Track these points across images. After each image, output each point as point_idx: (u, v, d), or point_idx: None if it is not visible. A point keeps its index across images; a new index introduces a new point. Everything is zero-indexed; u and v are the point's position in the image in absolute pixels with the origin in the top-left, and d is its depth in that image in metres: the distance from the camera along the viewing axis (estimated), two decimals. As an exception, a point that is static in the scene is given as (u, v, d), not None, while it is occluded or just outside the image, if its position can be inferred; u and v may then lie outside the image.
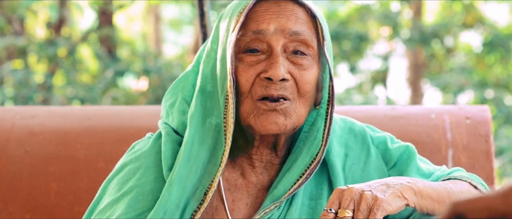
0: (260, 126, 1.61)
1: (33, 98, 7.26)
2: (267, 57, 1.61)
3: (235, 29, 1.60)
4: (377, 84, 10.40)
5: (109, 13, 8.69)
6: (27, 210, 2.33)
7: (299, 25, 1.62)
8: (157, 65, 8.01)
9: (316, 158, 1.66)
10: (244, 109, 1.62)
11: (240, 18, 1.60)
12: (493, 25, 9.68)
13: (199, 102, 1.66)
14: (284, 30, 1.61)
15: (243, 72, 1.61)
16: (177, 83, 1.75)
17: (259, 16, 1.61)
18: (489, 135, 2.31)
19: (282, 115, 1.61)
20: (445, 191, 1.63)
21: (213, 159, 1.64)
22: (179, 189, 1.61)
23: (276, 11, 1.61)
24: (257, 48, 1.62)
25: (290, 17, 1.61)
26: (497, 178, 8.83)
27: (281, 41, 1.61)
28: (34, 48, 7.84)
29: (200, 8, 2.62)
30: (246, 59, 1.62)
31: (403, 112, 2.40)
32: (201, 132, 1.64)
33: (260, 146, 1.68)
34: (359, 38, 9.29)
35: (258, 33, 1.61)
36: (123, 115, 2.45)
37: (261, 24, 1.60)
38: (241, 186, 1.70)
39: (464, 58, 10.26)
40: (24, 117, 2.43)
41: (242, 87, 1.61)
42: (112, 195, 1.66)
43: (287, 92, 1.61)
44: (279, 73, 1.58)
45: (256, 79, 1.61)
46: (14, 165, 2.35)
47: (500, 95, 9.07)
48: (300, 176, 1.66)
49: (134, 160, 1.69)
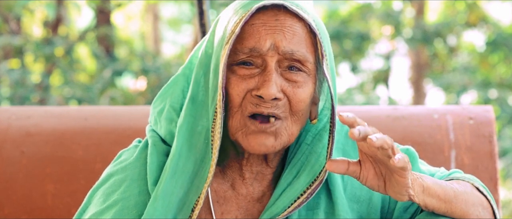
0: (248, 145, 1.60)
1: (29, 98, 7.30)
2: (260, 72, 1.58)
3: (230, 42, 1.57)
4: (379, 84, 10.45)
5: (107, 11, 8.72)
6: (23, 212, 2.32)
7: (295, 43, 1.58)
8: (155, 65, 8.05)
9: (319, 177, 1.64)
10: (233, 124, 1.60)
11: (235, 30, 1.56)
12: (496, 24, 9.73)
13: (188, 112, 1.63)
14: (279, 47, 1.57)
15: (235, 86, 1.58)
16: (166, 88, 1.71)
17: (256, 31, 1.58)
18: (493, 136, 2.31)
19: (272, 136, 1.59)
20: (452, 191, 1.61)
21: (200, 172, 1.61)
22: (163, 205, 1.59)
23: (273, 26, 1.58)
24: (251, 62, 1.59)
25: (286, 34, 1.58)
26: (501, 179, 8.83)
27: (276, 58, 1.58)
28: (30, 47, 7.87)
29: (199, 7, 2.61)
30: (239, 72, 1.59)
31: (405, 112, 2.39)
32: (189, 143, 1.62)
33: (251, 158, 1.66)
34: (360, 38, 9.33)
35: (253, 51, 1.57)
36: (121, 115, 2.45)
37: (258, 41, 1.57)
38: (231, 198, 1.68)
39: (467, 57, 10.31)
40: (20, 117, 2.42)
41: (233, 101, 1.59)
42: (97, 206, 1.66)
43: (279, 110, 1.58)
44: (271, 93, 1.56)
45: (247, 95, 1.58)
46: (10, 166, 2.34)
47: (503, 95, 9.07)
48: (301, 193, 1.64)
49: (120, 171, 1.69)
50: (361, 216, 1.68)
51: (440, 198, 1.58)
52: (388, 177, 1.54)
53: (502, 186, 9.33)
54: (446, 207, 1.58)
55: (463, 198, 1.61)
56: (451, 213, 1.60)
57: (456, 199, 1.59)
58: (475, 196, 1.64)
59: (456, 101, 9.21)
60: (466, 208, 1.61)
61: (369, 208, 1.69)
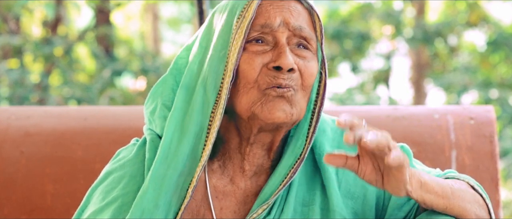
0: (268, 113, 1.60)
1: (29, 98, 7.31)
2: (272, 48, 1.63)
3: (243, 26, 1.62)
4: (379, 84, 10.47)
5: (106, 11, 8.74)
6: (22, 212, 2.32)
7: (301, 21, 1.65)
8: (155, 65, 8.08)
9: (300, 157, 1.67)
10: (249, 99, 1.61)
11: (248, 14, 1.62)
12: (497, 24, 9.75)
13: (182, 99, 1.65)
14: (288, 23, 1.64)
15: (251, 61, 1.61)
16: (155, 88, 1.73)
17: (265, 10, 1.64)
18: (494, 136, 2.32)
19: (289, 103, 1.61)
20: (449, 187, 1.61)
21: (192, 154, 1.62)
22: (155, 188, 1.60)
23: (280, 5, 1.64)
24: (262, 39, 1.63)
25: (293, 13, 1.65)
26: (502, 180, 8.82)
27: (286, 34, 1.63)
28: (30, 47, 7.89)
29: (199, 7, 2.62)
30: (252, 48, 1.62)
31: (406, 112, 2.40)
32: (181, 129, 1.63)
33: (255, 145, 1.68)
34: (361, 37, 9.35)
35: (265, 27, 1.62)
36: (120, 115, 2.45)
37: (268, 18, 1.63)
38: (230, 193, 1.69)
39: (468, 57, 10.32)
40: (20, 117, 2.43)
41: (248, 77, 1.61)
42: (96, 204, 1.67)
43: (293, 82, 1.62)
44: (288, 62, 1.60)
45: (262, 69, 1.61)
46: (10, 166, 2.34)
47: (504, 95, 9.09)
48: (285, 176, 1.66)
49: (119, 168, 1.70)
50: (356, 212, 1.69)
51: (438, 194, 1.59)
52: (386, 172, 1.54)
53: (503, 186, 9.32)
54: (445, 203, 1.59)
55: (460, 195, 1.62)
56: (450, 210, 1.60)
57: (453, 195, 1.60)
58: (471, 194, 1.65)
59: (457, 101, 9.23)
60: (464, 204, 1.61)
61: (364, 205, 1.69)
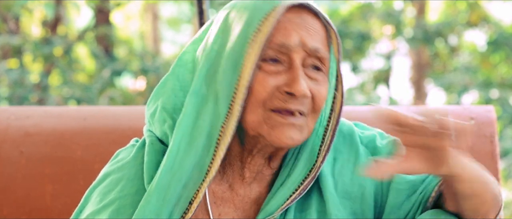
0: (275, 138, 1.58)
1: (28, 98, 7.32)
2: (286, 69, 1.58)
3: (260, 41, 1.56)
4: (380, 84, 10.48)
5: (106, 11, 8.74)
6: (22, 212, 2.32)
7: (318, 41, 1.61)
8: (155, 65, 8.07)
9: (311, 174, 1.65)
10: (253, 118, 1.58)
11: (265, 28, 1.57)
12: (498, 24, 9.73)
13: (191, 106, 1.60)
14: (305, 44, 1.59)
15: (264, 82, 1.57)
16: (157, 90, 1.70)
17: (282, 27, 1.58)
18: (494, 136, 2.31)
19: (298, 130, 1.58)
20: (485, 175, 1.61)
21: (198, 166, 1.59)
22: (159, 198, 1.57)
23: (299, 23, 1.59)
24: (278, 58, 1.59)
25: (310, 32, 1.60)
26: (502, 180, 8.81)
27: (301, 55, 1.59)
28: (29, 47, 7.90)
29: (199, 6, 2.61)
30: (266, 68, 1.58)
31: (406, 112, 2.33)
32: (189, 138, 1.59)
33: (257, 155, 1.65)
34: (361, 37, 9.34)
35: (282, 47, 1.58)
36: (120, 115, 2.44)
37: (286, 37, 1.58)
38: (228, 199, 1.67)
39: (469, 57, 10.32)
40: (19, 117, 2.42)
41: (257, 96, 1.57)
42: (94, 205, 1.65)
43: (304, 107, 1.59)
44: (302, 90, 1.56)
45: (274, 91, 1.57)
46: (9, 167, 2.34)
47: (505, 95, 9.08)
48: (293, 191, 1.64)
49: (117, 170, 1.68)
50: (355, 213, 1.67)
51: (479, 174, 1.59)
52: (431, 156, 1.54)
53: (503, 186, 9.31)
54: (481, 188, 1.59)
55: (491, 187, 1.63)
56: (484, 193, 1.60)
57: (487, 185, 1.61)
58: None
59: (457, 102, 9.22)
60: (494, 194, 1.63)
61: (363, 205, 1.67)
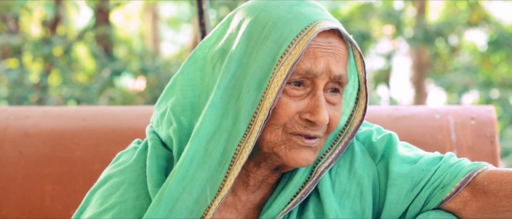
0: (291, 160, 1.58)
1: (28, 98, 7.32)
2: (308, 94, 1.58)
3: (288, 65, 1.55)
4: (380, 84, 10.48)
5: (105, 11, 8.74)
6: (21, 212, 2.31)
7: (341, 66, 1.60)
8: (155, 65, 8.07)
9: (312, 177, 1.65)
10: (272, 138, 1.58)
11: (295, 52, 1.55)
12: (498, 24, 9.76)
13: (209, 118, 1.58)
14: (331, 71, 1.58)
15: (287, 107, 1.57)
16: (167, 90, 1.68)
17: (311, 52, 1.57)
18: (495, 136, 2.31)
19: (313, 151, 1.60)
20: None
21: (211, 182, 1.57)
22: (166, 209, 1.56)
23: (327, 49, 1.59)
24: (302, 82, 1.58)
25: (337, 58, 1.59)
26: (503, 180, 8.81)
27: (326, 81, 1.59)
28: (29, 47, 7.89)
29: (199, 6, 2.60)
30: (290, 92, 1.57)
31: (406, 112, 2.39)
32: (204, 151, 1.57)
33: (263, 167, 1.64)
34: (361, 37, 9.34)
35: (309, 73, 1.57)
36: (120, 116, 2.44)
37: (314, 64, 1.57)
38: (231, 204, 1.66)
39: (469, 57, 10.33)
40: (19, 118, 2.42)
41: (279, 119, 1.57)
42: (94, 208, 1.64)
43: (321, 132, 1.60)
44: (324, 119, 1.57)
45: (295, 116, 1.57)
46: (8, 167, 2.34)
47: (505, 95, 9.09)
48: (295, 194, 1.64)
49: (118, 174, 1.66)
50: (355, 212, 1.66)
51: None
52: None
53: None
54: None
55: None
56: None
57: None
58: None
59: (458, 102, 9.24)
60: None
61: (362, 203, 1.66)
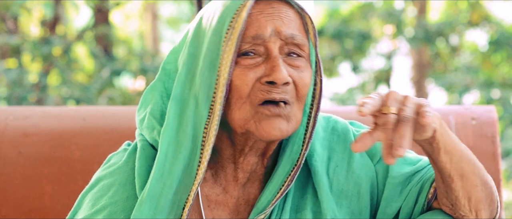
0: (263, 132, 1.58)
1: (27, 98, 7.32)
2: (264, 60, 1.59)
3: (234, 37, 1.57)
4: (381, 84, 10.48)
5: (105, 11, 8.75)
6: (21, 213, 2.32)
7: (293, 28, 1.61)
8: (154, 65, 8.08)
9: (297, 164, 1.65)
10: (241, 115, 1.59)
11: (238, 25, 1.57)
12: (499, 24, 9.74)
13: (174, 112, 1.61)
14: (280, 32, 1.59)
15: (243, 76, 1.57)
16: (144, 96, 1.70)
17: (255, 19, 1.59)
18: (496, 136, 2.31)
19: (285, 120, 1.59)
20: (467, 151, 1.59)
21: (187, 170, 1.59)
22: (151, 207, 1.58)
23: (270, 13, 1.60)
24: (253, 51, 1.59)
25: (284, 20, 1.60)
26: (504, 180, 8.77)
27: (278, 43, 1.59)
28: (28, 47, 7.90)
29: (198, 6, 2.62)
30: (243, 62, 1.58)
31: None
32: (175, 143, 1.60)
33: (249, 154, 1.65)
34: (362, 37, 9.35)
35: (256, 38, 1.58)
36: (119, 115, 2.44)
37: (259, 28, 1.59)
38: (222, 202, 1.67)
39: (470, 57, 10.31)
40: (18, 118, 2.42)
41: (240, 92, 1.58)
42: (86, 210, 1.66)
43: (288, 96, 1.59)
44: (283, 77, 1.56)
45: (255, 84, 1.57)
46: (7, 167, 2.34)
47: (506, 95, 9.08)
48: (282, 184, 1.65)
49: (109, 175, 1.69)
50: (352, 212, 1.67)
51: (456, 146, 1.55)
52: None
53: (505, 187, 9.28)
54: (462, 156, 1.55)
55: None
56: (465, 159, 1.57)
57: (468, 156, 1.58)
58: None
59: (459, 101, 9.22)
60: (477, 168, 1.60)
61: (359, 203, 1.67)
